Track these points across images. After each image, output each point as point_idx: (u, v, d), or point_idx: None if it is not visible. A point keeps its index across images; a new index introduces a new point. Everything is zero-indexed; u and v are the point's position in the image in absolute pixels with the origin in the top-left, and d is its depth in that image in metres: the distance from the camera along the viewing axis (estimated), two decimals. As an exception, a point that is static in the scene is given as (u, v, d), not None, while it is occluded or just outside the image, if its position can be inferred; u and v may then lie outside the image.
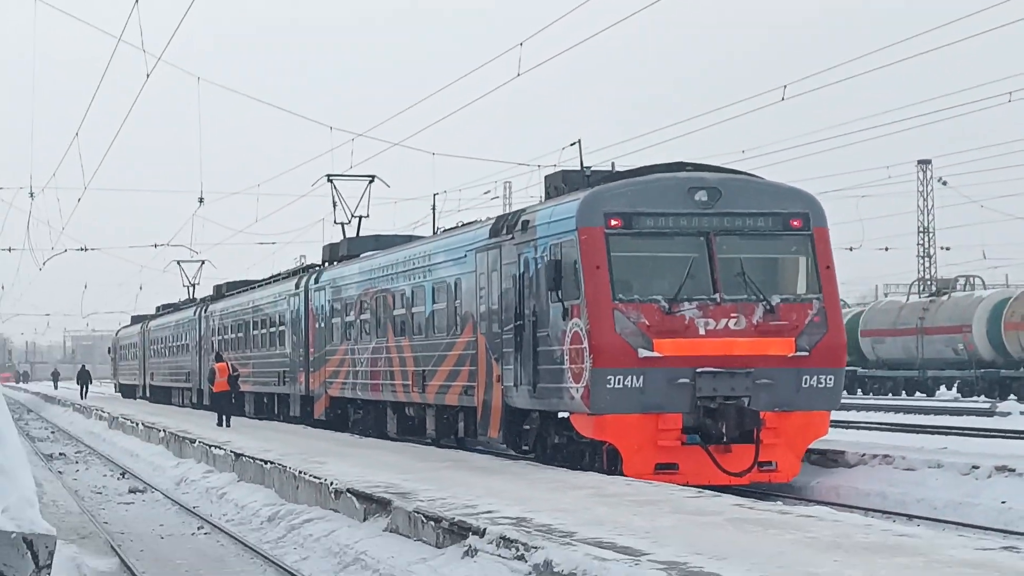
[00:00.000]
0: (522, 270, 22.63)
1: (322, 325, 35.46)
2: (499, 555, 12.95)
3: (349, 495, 17.73)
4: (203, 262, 72.29)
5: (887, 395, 62.28)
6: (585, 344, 20.52)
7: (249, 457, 24.21)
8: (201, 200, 49.02)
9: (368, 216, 41.12)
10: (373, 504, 16.93)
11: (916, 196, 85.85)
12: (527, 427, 23.30)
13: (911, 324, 61.78)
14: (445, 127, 40.36)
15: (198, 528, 20.20)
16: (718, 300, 20.81)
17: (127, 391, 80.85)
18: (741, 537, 12.71)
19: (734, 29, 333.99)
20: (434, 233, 32.93)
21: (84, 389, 77.61)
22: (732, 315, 20.80)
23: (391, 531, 15.93)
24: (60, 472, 32.12)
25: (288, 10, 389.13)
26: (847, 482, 22.18)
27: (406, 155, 44.06)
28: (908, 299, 66.66)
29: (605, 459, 20.95)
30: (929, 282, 79.35)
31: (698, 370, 20.48)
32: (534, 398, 22.19)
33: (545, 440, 22.82)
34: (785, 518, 14.23)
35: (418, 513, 15.28)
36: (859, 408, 45.62)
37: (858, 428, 31.91)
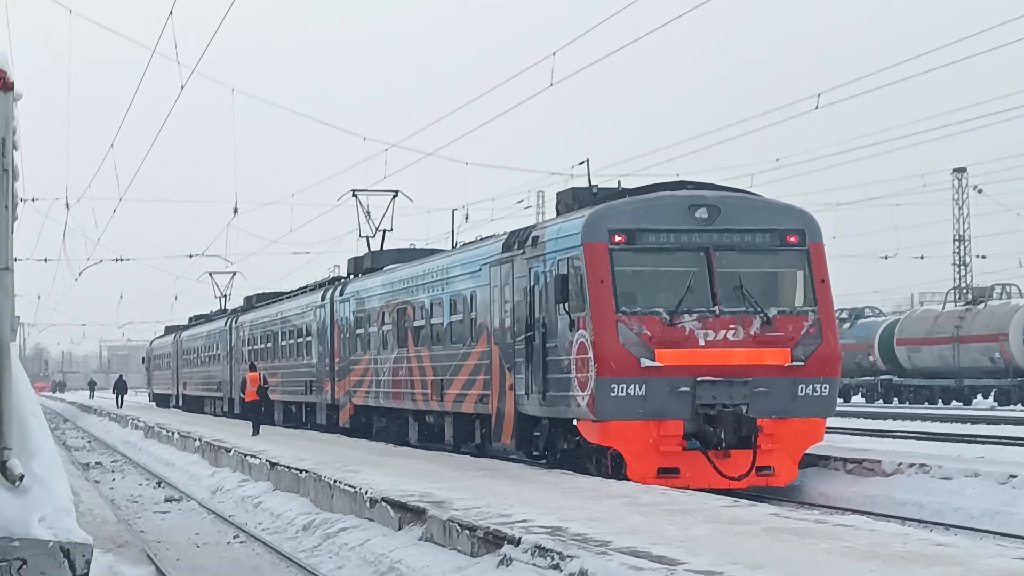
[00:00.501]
0: (532, 283, 23.68)
1: (347, 336, 36.43)
2: (534, 564, 12.94)
3: (384, 504, 17.75)
4: (234, 273, 73.71)
5: (923, 404, 62.00)
6: (590, 354, 21.56)
7: (284, 466, 24.27)
8: (235, 210, 49.30)
9: (392, 230, 42.16)
10: (408, 513, 16.94)
11: (951, 204, 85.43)
12: (537, 433, 24.16)
13: (947, 333, 61.49)
14: (478, 137, 40.45)
15: (234, 537, 20.26)
16: (717, 312, 21.83)
17: (161, 400, 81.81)
18: (777, 546, 12.65)
19: (768, 37, 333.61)
20: (453, 247, 33.76)
21: (120, 398, 79.37)
22: (730, 326, 21.79)
23: (426, 540, 15.94)
24: (96, 481, 32.27)
25: (321, 22, 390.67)
26: (883, 491, 22.08)
27: (439, 165, 44.16)
28: (944, 308, 66.34)
29: (610, 464, 21.82)
30: (965, 290, 78.92)
31: (698, 379, 21.44)
32: (543, 405, 23.14)
33: (555, 446, 23.66)
34: (821, 527, 14.17)
35: (453, 522, 15.28)
36: (895, 417, 45.41)
37: (894, 437, 31.76)
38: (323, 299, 39.22)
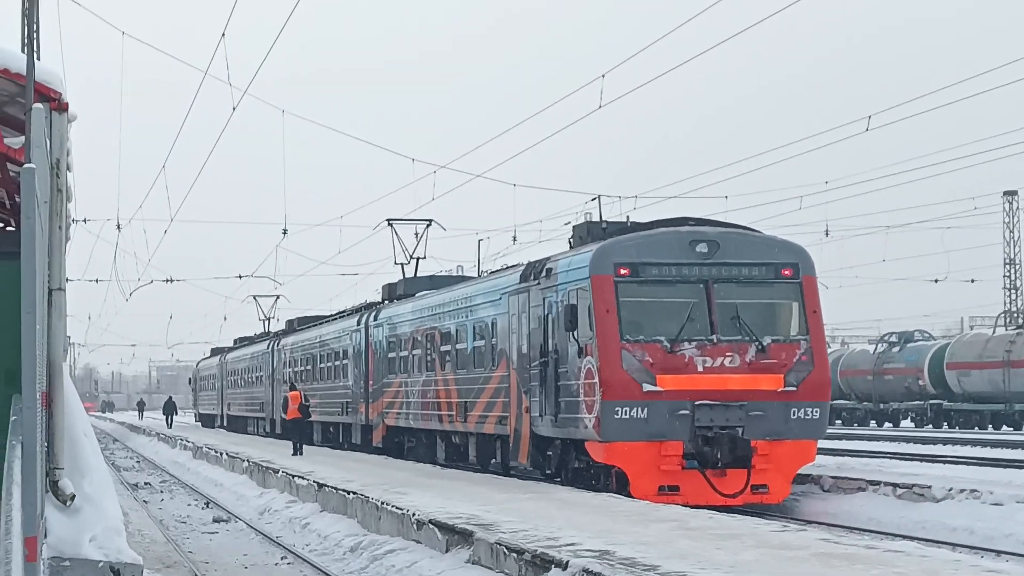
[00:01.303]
0: (547, 312, 25.37)
1: (380, 359, 38.08)
2: (582, 588, 12.89)
3: (431, 526, 17.74)
4: (278, 296, 74.86)
5: (973, 429, 61.46)
6: (596, 379, 23.19)
7: (332, 487, 24.31)
8: (284, 231, 49.63)
9: (425, 257, 43.72)
10: (455, 535, 16.93)
11: (1002, 227, 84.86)
12: (550, 453, 25.82)
13: (998, 357, 60.95)
14: (527, 159, 40.47)
15: (281, 558, 20.29)
16: (715, 340, 23.38)
17: (206, 421, 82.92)
18: (826, 572, 12.56)
19: (820, 58, 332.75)
20: (479, 275, 35.54)
21: (170, 419, 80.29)
22: (727, 354, 23.35)
23: (473, 562, 15.91)
24: (145, 501, 32.42)
25: (370, 43, 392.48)
26: (934, 517, 21.89)
27: (487, 187, 44.27)
28: (994, 331, 65.76)
29: (615, 481, 23.34)
30: (1016, 314, 78.29)
31: (696, 403, 23.02)
32: (556, 427, 24.83)
33: (566, 464, 25.21)
34: (871, 553, 14.06)
35: (500, 545, 15.25)
36: (945, 442, 45.04)
37: (944, 462, 31.50)
38: (359, 324, 40.78)
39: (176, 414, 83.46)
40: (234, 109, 29.55)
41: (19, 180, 14.59)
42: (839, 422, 70.05)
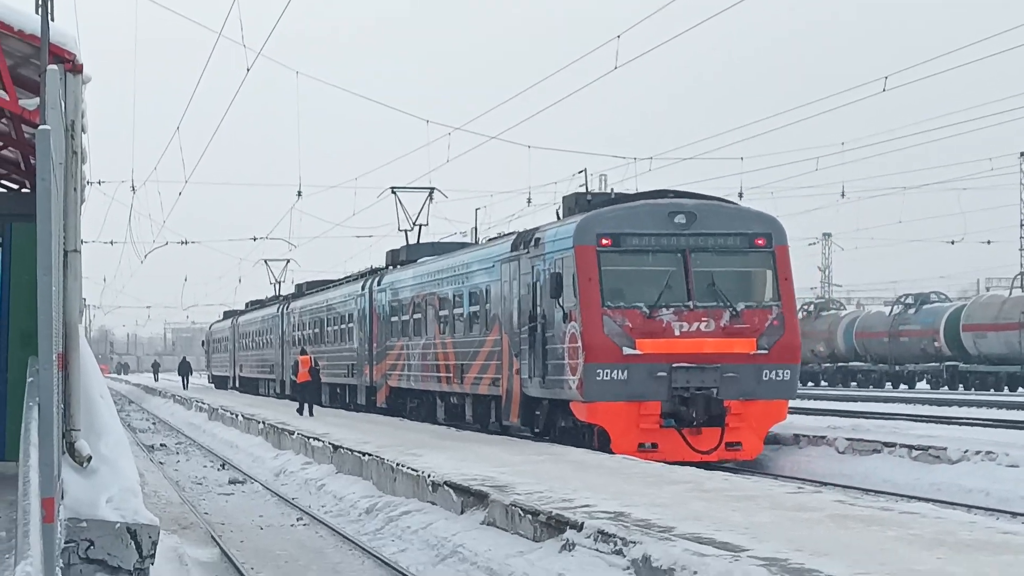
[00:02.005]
0: (535, 280, 26.58)
1: (383, 323, 39.34)
2: (597, 549, 12.92)
3: (446, 488, 17.78)
4: (288, 260, 75.85)
5: (989, 391, 61.37)
6: (579, 343, 24.42)
7: (347, 449, 24.37)
8: (299, 193, 49.73)
9: (427, 224, 45.32)
10: (470, 497, 16.96)
11: (1019, 188, 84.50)
12: (538, 413, 27.10)
13: (1014, 318, 60.79)
14: (541, 120, 40.38)
15: (297, 519, 20.37)
16: (691, 306, 24.59)
17: (219, 382, 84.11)
18: (842, 533, 12.57)
19: (836, 19, 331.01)
20: (475, 243, 37.28)
21: (185, 379, 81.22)
22: (703, 319, 24.56)
23: (488, 524, 15.96)
24: (161, 463, 32.55)
25: (384, 4, 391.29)
26: (949, 479, 21.90)
27: (502, 149, 44.18)
28: (1011, 293, 65.56)
29: (596, 439, 24.57)
30: (1032, 275, 77.98)
31: (673, 365, 24.21)
32: (543, 388, 26.11)
33: (554, 423, 26.59)
34: (887, 515, 14.06)
35: (515, 506, 15.28)
36: (961, 404, 45.00)
37: (960, 424, 31.46)
38: (363, 289, 41.97)
39: (191, 374, 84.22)
40: (248, 70, 29.52)
41: (34, 142, 14.60)
42: (854, 384, 70.00)
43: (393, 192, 45.35)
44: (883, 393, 58.98)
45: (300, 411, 38.48)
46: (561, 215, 28.00)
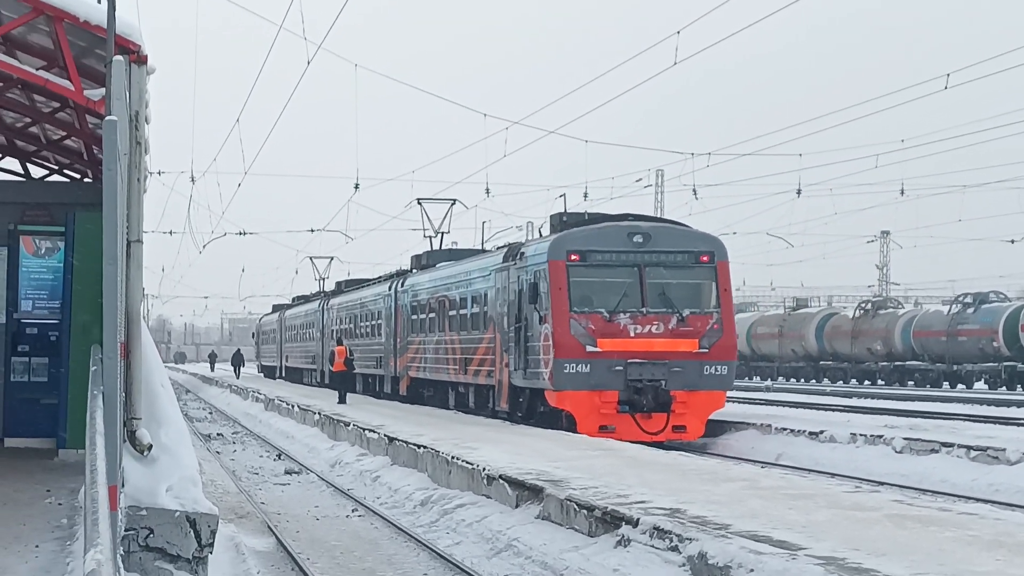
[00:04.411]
0: (520, 287, 31.04)
1: (406, 320, 43.71)
2: (652, 546, 12.90)
3: (502, 481, 17.80)
4: (332, 258, 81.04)
5: (1048, 391, 60.71)
6: (551, 342, 28.89)
7: (402, 441, 24.44)
8: (356, 186, 49.94)
9: (449, 232, 49.61)
10: (525, 491, 16.97)
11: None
12: (521, 400, 31.46)
13: (1074, 319, 60.14)
14: (599, 116, 40.38)
15: (352, 511, 20.44)
16: (645, 312, 29.05)
17: (268, 372, 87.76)
18: (900, 534, 12.49)
19: (897, 16, 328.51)
20: (482, 250, 41.65)
21: (238, 369, 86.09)
22: (654, 322, 29.01)
23: (543, 518, 15.96)
24: (218, 452, 32.76)
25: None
26: (1008, 480, 21.71)
27: (560, 143, 44.11)
28: (1072, 293, 64.85)
29: (564, 422, 28.83)
30: (1094, 276, 77.08)
31: (629, 361, 28.63)
32: (525, 379, 30.61)
33: (534, 409, 30.66)
34: (945, 515, 13.96)
35: (570, 501, 15.28)
36: (1019, 404, 44.57)
37: (1019, 424, 31.17)
38: (390, 289, 46.70)
39: (244, 365, 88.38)
40: (308, 63, 29.61)
41: (97, 132, 14.71)
42: (911, 383, 69.50)
43: (419, 203, 49.95)
44: (940, 393, 58.47)
45: (341, 401, 40.71)
46: (548, 231, 32.61)
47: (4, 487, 12.95)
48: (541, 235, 33.33)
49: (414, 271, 45.25)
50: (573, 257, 29.16)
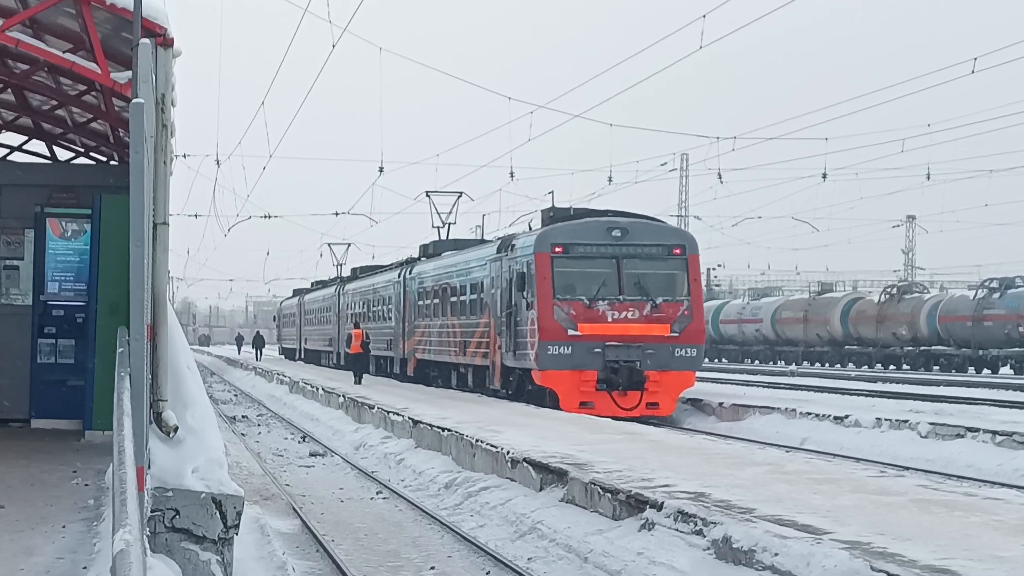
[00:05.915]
0: (511, 276, 33.91)
1: (413, 305, 46.76)
2: (676, 529, 12.90)
3: (526, 465, 17.81)
4: (349, 244, 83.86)
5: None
6: (536, 326, 31.79)
7: (427, 424, 24.48)
8: (381, 169, 50.02)
9: (456, 223, 52.70)
10: (550, 474, 16.98)
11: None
12: (512, 379, 34.34)
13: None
14: (625, 99, 40.26)
15: (376, 493, 20.49)
16: (622, 299, 31.93)
17: (288, 354, 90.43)
18: (925, 518, 12.46)
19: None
20: (482, 241, 45.16)
21: (259, 352, 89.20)
22: (630, 309, 31.87)
23: (567, 502, 15.97)
24: (243, 434, 32.86)
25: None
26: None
27: (584, 127, 44.07)
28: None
29: (548, 399, 31.58)
30: (1121, 262, 76.65)
31: (606, 343, 31.51)
32: (515, 360, 33.56)
33: (522, 388, 33.55)
34: (971, 500, 13.93)
35: (595, 485, 15.29)
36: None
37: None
38: (399, 276, 49.69)
39: (264, 347, 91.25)
40: (333, 46, 29.64)
41: (123, 115, 14.74)
42: (936, 368, 69.27)
43: (428, 196, 52.60)
44: (966, 378, 58.26)
45: (357, 382, 42.16)
46: (537, 224, 35.59)
47: (31, 468, 13.03)
48: (530, 228, 36.17)
49: (422, 259, 48.00)
50: (557, 249, 32.08)
